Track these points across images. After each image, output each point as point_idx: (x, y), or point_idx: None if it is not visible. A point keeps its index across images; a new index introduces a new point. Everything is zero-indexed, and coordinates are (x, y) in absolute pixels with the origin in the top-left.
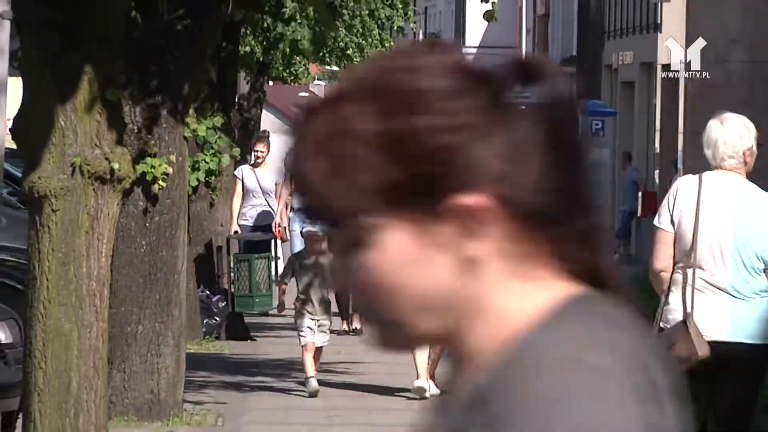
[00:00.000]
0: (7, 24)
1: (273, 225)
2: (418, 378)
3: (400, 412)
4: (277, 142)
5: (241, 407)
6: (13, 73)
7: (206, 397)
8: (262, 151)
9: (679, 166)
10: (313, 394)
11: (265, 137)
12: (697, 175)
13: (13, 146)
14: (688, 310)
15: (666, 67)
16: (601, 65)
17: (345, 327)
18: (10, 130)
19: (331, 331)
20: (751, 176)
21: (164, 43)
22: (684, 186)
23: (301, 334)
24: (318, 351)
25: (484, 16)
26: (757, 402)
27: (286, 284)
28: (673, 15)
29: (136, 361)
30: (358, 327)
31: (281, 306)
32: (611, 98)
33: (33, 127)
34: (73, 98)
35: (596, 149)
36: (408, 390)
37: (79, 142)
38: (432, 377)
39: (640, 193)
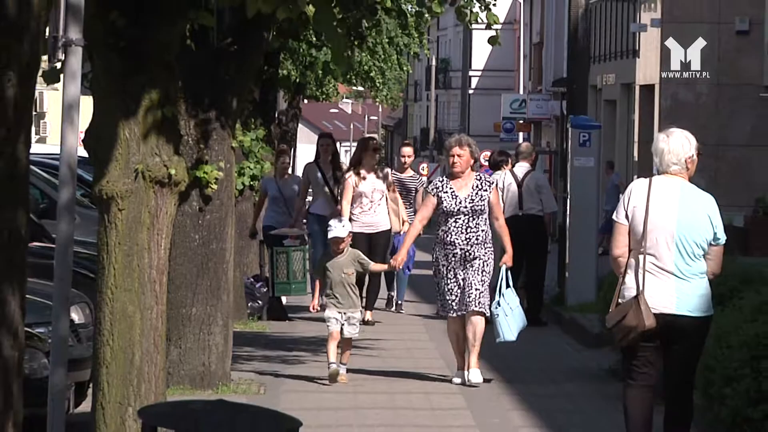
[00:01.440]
0: (80, 50)
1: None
2: (470, 369)
3: (422, 396)
4: (307, 152)
5: (280, 378)
6: (84, 93)
7: (250, 369)
8: (285, 162)
9: (654, 171)
10: (332, 378)
11: (285, 151)
12: (647, 179)
13: (85, 155)
14: (640, 288)
15: (644, 88)
16: (588, 86)
17: (366, 317)
18: (82, 141)
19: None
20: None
21: (214, 67)
22: (637, 187)
23: (327, 323)
24: (347, 342)
25: (488, 41)
26: (698, 362)
27: (323, 283)
28: (650, 43)
29: (190, 339)
30: (371, 320)
31: (315, 304)
32: (596, 114)
33: (102, 138)
34: (136, 114)
35: (584, 158)
36: (429, 376)
37: (141, 152)
38: (468, 366)
39: (621, 195)
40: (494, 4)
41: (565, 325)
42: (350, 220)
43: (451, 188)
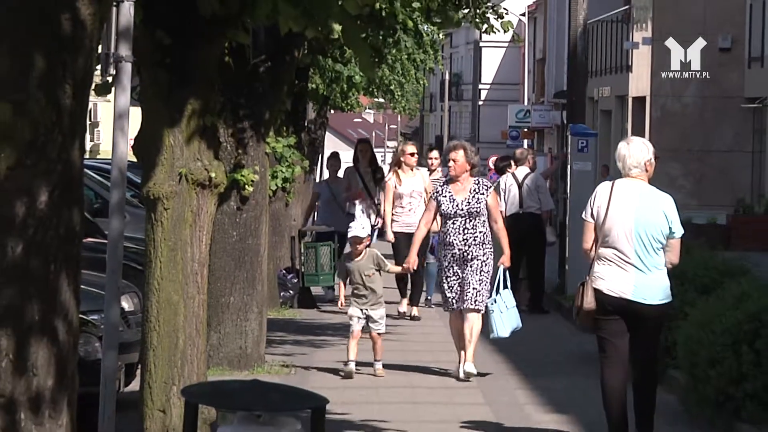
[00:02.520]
0: (129, 66)
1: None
2: (464, 363)
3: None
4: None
5: (309, 360)
6: (133, 104)
7: (282, 352)
8: (336, 166)
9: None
10: (348, 376)
11: (336, 157)
12: (611, 181)
13: (134, 160)
14: (588, 277)
15: (636, 99)
16: (585, 97)
17: (402, 309)
18: (132, 147)
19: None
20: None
21: (250, 81)
22: (601, 189)
23: (350, 321)
24: (377, 339)
25: (511, 40)
26: (659, 341)
27: (343, 281)
28: (641, 59)
29: (229, 325)
30: (416, 315)
31: (341, 301)
32: (593, 123)
33: (149, 145)
34: (180, 123)
35: (582, 162)
36: (447, 371)
37: (184, 157)
38: (465, 359)
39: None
40: (506, 12)
41: (565, 313)
42: (391, 221)
43: (449, 192)
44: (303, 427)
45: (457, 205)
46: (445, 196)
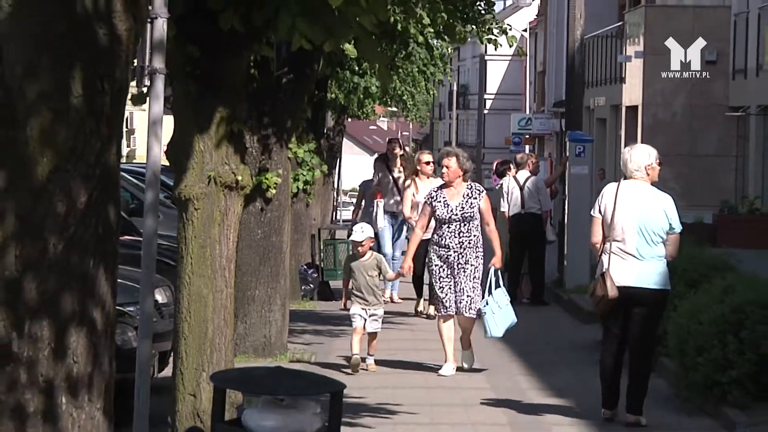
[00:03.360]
0: (162, 77)
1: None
2: (446, 361)
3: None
4: (350, 162)
5: (328, 348)
6: (166, 113)
7: (303, 341)
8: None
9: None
10: (354, 368)
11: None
12: (616, 182)
13: (167, 164)
14: (606, 267)
15: (629, 108)
16: (582, 107)
17: (419, 308)
18: (165, 152)
19: (403, 314)
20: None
21: (274, 91)
22: (608, 189)
23: (352, 319)
24: (372, 336)
25: (515, 53)
26: (657, 326)
27: (347, 281)
28: (634, 71)
29: (254, 316)
30: (432, 314)
31: (345, 304)
32: (589, 130)
33: (181, 150)
34: (209, 130)
35: (580, 166)
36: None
37: (213, 161)
38: (462, 347)
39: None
40: (510, 28)
41: (564, 305)
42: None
43: (443, 197)
44: (322, 410)
45: (451, 210)
46: (440, 201)
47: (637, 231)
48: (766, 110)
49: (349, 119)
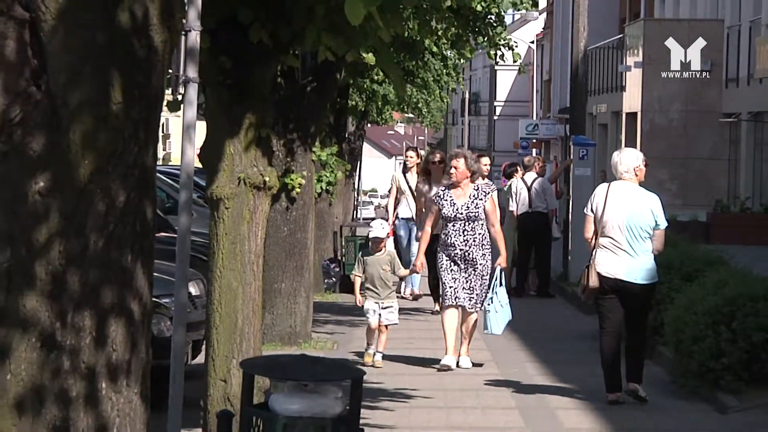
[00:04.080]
0: (196, 85)
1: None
2: (446, 353)
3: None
4: (370, 165)
5: (349, 337)
6: (199, 118)
7: (326, 330)
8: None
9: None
10: (368, 363)
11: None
12: (607, 183)
13: (200, 166)
14: (591, 261)
15: (629, 114)
16: (585, 113)
17: (437, 309)
18: (198, 155)
19: (421, 309)
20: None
21: (299, 99)
22: (599, 189)
23: (366, 315)
24: (384, 329)
25: (518, 72)
26: (647, 317)
27: (359, 276)
28: (633, 80)
29: (280, 307)
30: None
31: (358, 299)
32: (592, 135)
33: (212, 153)
34: (239, 135)
35: (583, 168)
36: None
37: (242, 163)
38: (460, 353)
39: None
40: (516, 45)
41: (568, 297)
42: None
43: (450, 197)
44: (344, 394)
45: (457, 209)
46: (446, 200)
47: (626, 227)
48: (756, 116)
49: (369, 124)
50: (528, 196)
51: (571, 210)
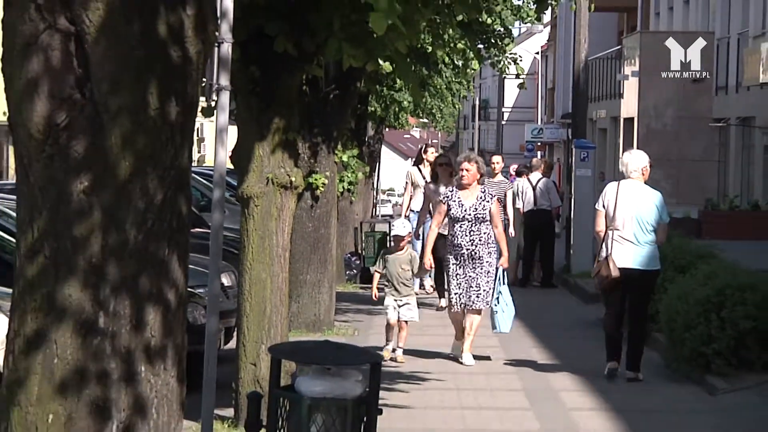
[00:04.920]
0: (228, 93)
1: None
2: (463, 353)
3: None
4: (387, 165)
5: (369, 324)
6: (231, 123)
7: (347, 318)
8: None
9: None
10: (386, 359)
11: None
12: (617, 181)
13: (232, 167)
14: (609, 252)
15: (626, 120)
16: (586, 118)
17: (442, 305)
18: (230, 157)
19: (432, 303)
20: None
21: (323, 105)
22: (610, 187)
23: (386, 311)
24: (405, 326)
25: (518, 86)
26: (648, 305)
27: (379, 272)
28: (631, 88)
29: (305, 297)
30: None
31: (375, 294)
32: (592, 138)
33: (243, 156)
34: (267, 138)
35: (584, 169)
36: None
37: (270, 165)
38: (462, 350)
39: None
40: (521, 59)
41: (571, 288)
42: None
43: (458, 198)
44: (363, 377)
45: (465, 210)
46: (455, 201)
47: (635, 221)
48: (744, 121)
49: (387, 129)
50: (533, 195)
51: (572, 207)
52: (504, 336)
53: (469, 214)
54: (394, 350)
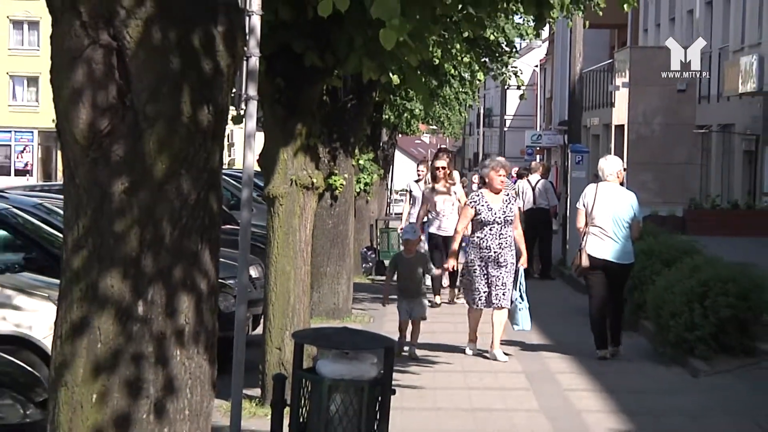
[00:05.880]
0: (255, 102)
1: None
2: (469, 342)
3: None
4: (400, 169)
5: (383, 312)
6: (258, 130)
7: (363, 307)
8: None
9: (623, 182)
10: (397, 355)
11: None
12: (595, 183)
13: (259, 169)
14: (583, 245)
15: (617, 126)
16: (581, 125)
17: (437, 301)
18: (257, 160)
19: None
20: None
21: (341, 114)
22: (589, 188)
23: (399, 311)
24: (417, 325)
25: (519, 98)
26: (623, 290)
27: (391, 278)
28: (621, 97)
29: (326, 287)
30: (438, 303)
31: (386, 299)
32: (586, 143)
33: (269, 159)
34: (291, 144)
35: (578, 171)
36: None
37: (294, 167)
38: (493, 346)
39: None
40: (521, 72)
41: (566, 279)
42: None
43: (486, 202)
44: (378, 360)
45: (494, 213)
46: (483, 206)
47: (612, 219)
48: (724, 128)
49: (399, 135)
50: (533, 195)
51: (568, 206)
52: (507, 325)
53: (499, 218)
54: (407, 348)
